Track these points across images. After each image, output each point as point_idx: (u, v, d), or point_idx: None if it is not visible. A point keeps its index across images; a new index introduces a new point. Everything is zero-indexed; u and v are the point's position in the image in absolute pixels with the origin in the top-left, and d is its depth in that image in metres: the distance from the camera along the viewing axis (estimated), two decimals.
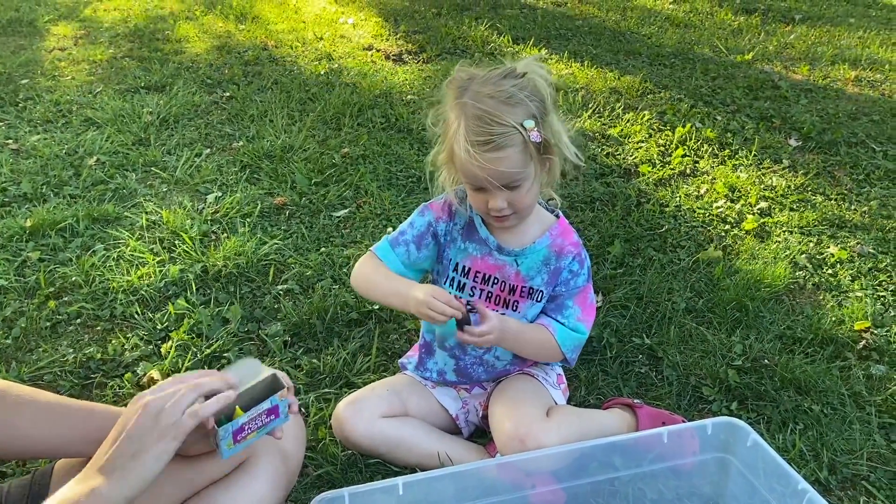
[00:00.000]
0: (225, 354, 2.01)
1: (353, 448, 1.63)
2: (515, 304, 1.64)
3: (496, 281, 1.63)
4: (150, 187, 2.97)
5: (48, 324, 2.14)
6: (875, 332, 2.12)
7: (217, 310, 2.18)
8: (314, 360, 1.98)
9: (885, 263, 2.47)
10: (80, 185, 2.94)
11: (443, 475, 1.40)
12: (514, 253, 1.62)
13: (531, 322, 1.65)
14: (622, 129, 3.53)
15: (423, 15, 5.64)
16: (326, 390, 1.89)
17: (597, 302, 2.22)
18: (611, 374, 1.96)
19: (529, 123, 1.42)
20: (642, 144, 3.38)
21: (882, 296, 2.31)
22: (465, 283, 1.64)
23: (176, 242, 2.53)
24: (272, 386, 1.25)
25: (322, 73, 4.32)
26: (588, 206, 2.84)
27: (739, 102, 3.91)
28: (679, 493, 1.59)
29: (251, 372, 1.25)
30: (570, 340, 1.63)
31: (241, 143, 3.37)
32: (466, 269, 1.64)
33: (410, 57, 4.69)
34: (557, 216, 1.66)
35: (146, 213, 2.73)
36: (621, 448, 1.51)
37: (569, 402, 1.80)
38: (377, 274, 1.63)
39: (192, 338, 2.06)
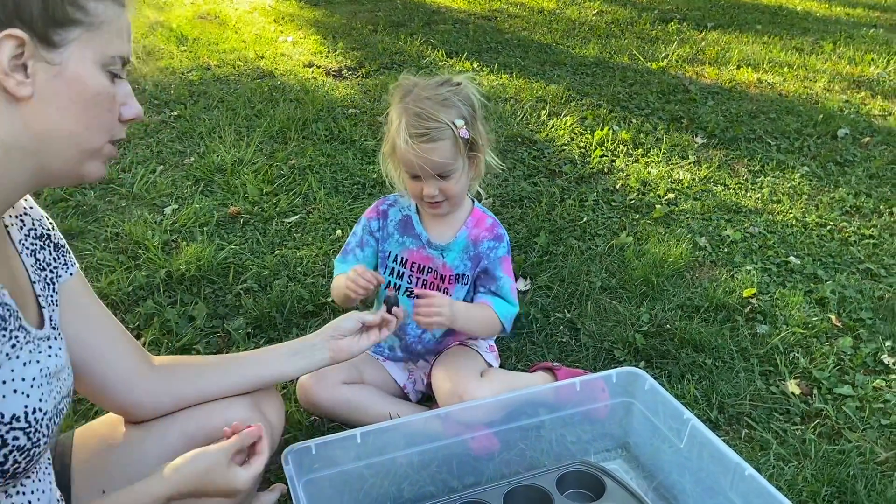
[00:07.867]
0: (195, 346, 2.23)
1: (317, 412, 1.88)
2: (447, 290, 1.90)
3: (429, 270, 1.89)
4: (108, 203, 3.15)
5: None
6: (760, 297, 2.48)
7: (183, 309, 2.40)
8: None
9: (772, 241, 2.85)
10: (41, 204, 3.08)
11: (394, 425, 1.67)
12: (440, 247, 1.88)
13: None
14: (547, 134, 3.86)
15: (360, 32, 5.91)
16: None
17: (525, 285, 2.53)
18: (537, 344, 2.25)
19: (460, 122, 1.69)
20: (565, 147, 3.72)
21: (768, 268, 2.67)
22: (402, 272, 1.90)
23: (139, 251, 2.73)
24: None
25: (266, 90, 4.54)
26: (517, 203, 3.15)
27: (653, 106, 4.30)
28: (594, 435, 1.89)
29: None
30: (506, 313, 1.87)
31: (192, 158, 3.57)
32: (404, 259, 1.90)
33: (350, 72, 4.96)
34: (473, 203, 1.93)
35: (108, 226, 2.92)
36: (543, 397, 1.80)
37: (500, 367, 2.08)
38: (337, 281, 1.87)
39: (163, 334, 2.27)
